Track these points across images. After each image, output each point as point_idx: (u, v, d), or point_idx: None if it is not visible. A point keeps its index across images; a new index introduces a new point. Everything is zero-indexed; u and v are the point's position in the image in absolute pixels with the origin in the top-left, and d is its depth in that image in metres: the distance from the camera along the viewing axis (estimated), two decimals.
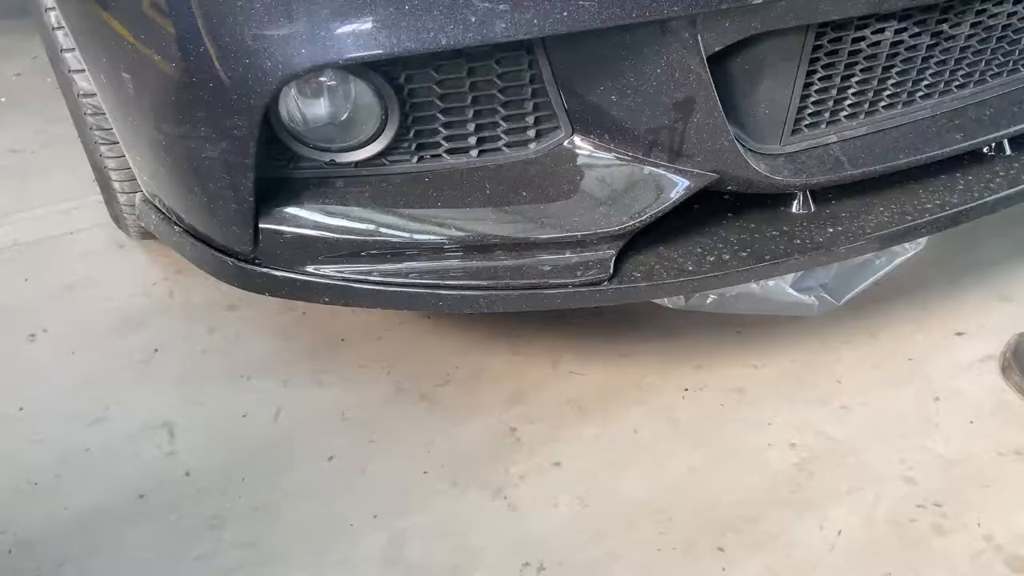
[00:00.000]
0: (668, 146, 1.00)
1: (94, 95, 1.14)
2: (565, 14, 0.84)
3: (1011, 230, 1.58)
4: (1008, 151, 1.24)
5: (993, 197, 1.16)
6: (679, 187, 1.02)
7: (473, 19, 0.83)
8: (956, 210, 1.13)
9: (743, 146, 1.05)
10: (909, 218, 1.12)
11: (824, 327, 1.40)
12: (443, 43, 0.83)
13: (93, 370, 1.36)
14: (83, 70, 1.09)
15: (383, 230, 1.00)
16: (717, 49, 0.94)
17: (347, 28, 0.81)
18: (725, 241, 1.09)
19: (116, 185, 1.31)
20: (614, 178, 1.02)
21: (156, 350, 1.39)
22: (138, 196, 1.18)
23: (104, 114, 1.12)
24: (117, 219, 1.50)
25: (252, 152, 0.91)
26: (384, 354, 1.37)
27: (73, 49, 1.11)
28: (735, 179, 1.04)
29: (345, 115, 0.97)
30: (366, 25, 0.81)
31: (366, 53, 0.83)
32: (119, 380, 1.34)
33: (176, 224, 1.09)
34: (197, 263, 1.09)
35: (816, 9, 0.92)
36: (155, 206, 1.13)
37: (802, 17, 0.92)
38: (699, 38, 0.92)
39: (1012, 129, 1.19)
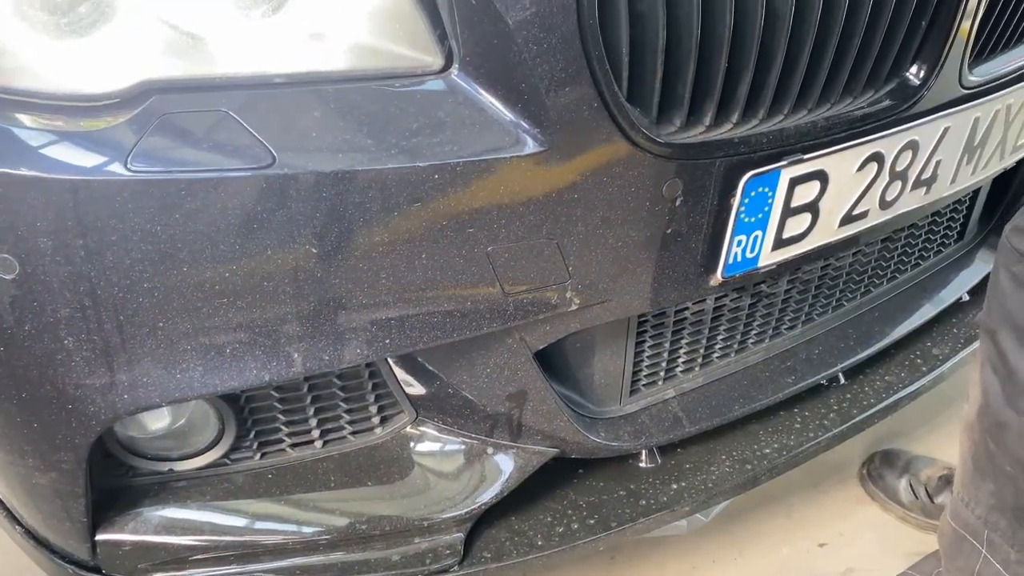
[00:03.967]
0: (508, 428, 1.03)
1: None
2: (388, 341, 0.88)
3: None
4: (842, 380, 1.33)
5: (827, 436, 1.22)
6: (523, 465, 1.05)
7: (296, 356, 0.85)
8: (793, 453, 1.19)
9: (581, 413, 1.09)
10: (749, 467, 1.17)
11: (693, 546, 1.43)
12: (267, 379, 0.86)
13: None
14: None
15: (226, 531, 0.99)
16: (542, 347, 0.99)
17: (169, 374, 0.83)
18: (574, 506, 1.11)
19: None
20: (459, 459, 1.05)
21: None
22: None
23: None
24: None
25: (82, 482, 0.90)
26: None
27: None
28: (577, 449, 1.08)
29: (181, 426, 0.98)
30: (187, 370, 0.83)
31: (190, 395, 0.84)
32: None
33: (17, 523, 1.06)
34: (38, 565, 1.06)
35: (629, 306, 0.98)
36: None
37: (617, 314, 0.98)
38: (523, 340, 0.96)
39: (840, 366, 1.27)
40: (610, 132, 0.84)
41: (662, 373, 1.16)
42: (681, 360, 1.17)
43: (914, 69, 1.01)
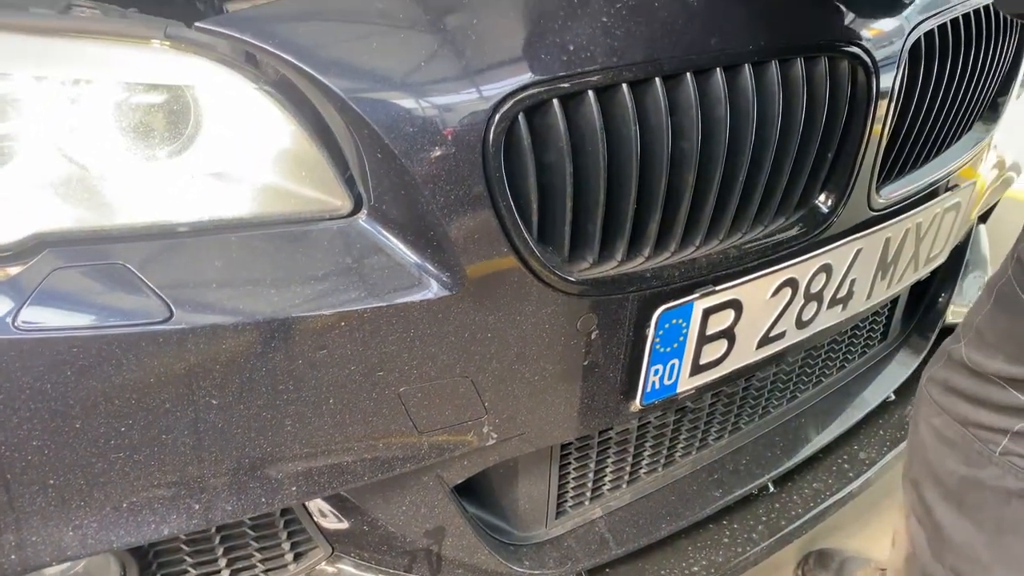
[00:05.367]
0: (428, 563, 1.01)
1: None
2: (294, 489, 0.85)
3: None
4: (771, 488, 1.32)
5: (755, 549, 1.21)
6: None
7: (198, 507, 0.82)
8: (722, 571, 1.18)
9: (505, 541, 1.07)
10: None
11: None
12: (166, 533, 0.82)
13: None
14: None
15: None
16: (460, 481, 0.96)
17: (61, 532, 0.79)
18: None
19: None
20: None
21: None
22: None
23: None
24: None
25: None
26: None
27: None
28: None
29: (78, 573, 0.93)
30: (81, 527, 0.79)
31: (84, 553, 0.80)
32: None
33: None
34: None
35: (549, 436, 0.97)
36: None
37: (537, 444, 0.97)
38: (441, 477, 0.94)
39: (766, 476, 1.27)
40: (520, 274, 0.84)
41: (588, 493, 1.15)
42: (607, 479, 1.16)
43: (823, 197, 1.03)
